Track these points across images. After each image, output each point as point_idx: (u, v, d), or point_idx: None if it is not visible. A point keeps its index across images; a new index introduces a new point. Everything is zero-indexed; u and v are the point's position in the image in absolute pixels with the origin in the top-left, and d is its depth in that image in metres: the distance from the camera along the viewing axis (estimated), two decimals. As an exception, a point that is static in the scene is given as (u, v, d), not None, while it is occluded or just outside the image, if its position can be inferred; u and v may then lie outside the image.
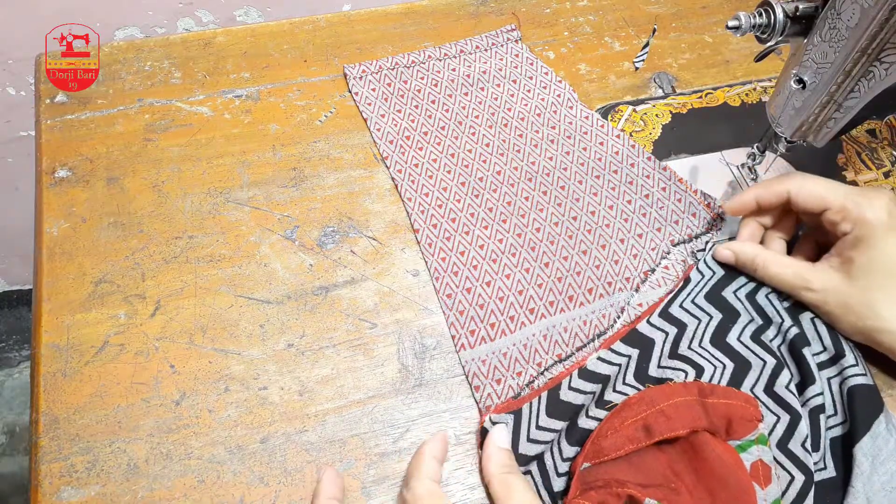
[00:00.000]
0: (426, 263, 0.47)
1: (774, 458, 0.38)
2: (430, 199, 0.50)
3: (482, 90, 0.57)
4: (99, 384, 0.41)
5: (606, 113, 0.56)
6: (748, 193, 0.45)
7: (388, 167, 0.52)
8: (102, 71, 0.56)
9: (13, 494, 1.13)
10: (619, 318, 0.45)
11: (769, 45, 0.43)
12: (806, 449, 0.38)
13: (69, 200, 0.49)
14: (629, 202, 0.50)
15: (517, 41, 0.60)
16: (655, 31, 0.62)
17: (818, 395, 0.40)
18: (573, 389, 0.41)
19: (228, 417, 0.41)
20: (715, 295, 0.45)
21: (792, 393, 0.40)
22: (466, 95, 0.56)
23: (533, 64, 0.59)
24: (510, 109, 0.56)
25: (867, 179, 0.54)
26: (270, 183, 0.51)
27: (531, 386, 0.42)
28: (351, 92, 0.56)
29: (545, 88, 0.57)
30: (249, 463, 0.39)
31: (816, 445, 0.39)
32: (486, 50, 0.59)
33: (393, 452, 0.40)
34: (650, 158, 0.52)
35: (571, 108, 0.56)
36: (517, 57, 0.59)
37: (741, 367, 0.41)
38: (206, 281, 0.46)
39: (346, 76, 0.57)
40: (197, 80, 0.56)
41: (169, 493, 0.38)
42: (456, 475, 0.39)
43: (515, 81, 0.57)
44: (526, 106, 0.56)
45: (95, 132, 0.52)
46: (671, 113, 0.56)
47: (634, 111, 0.56)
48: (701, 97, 0.58)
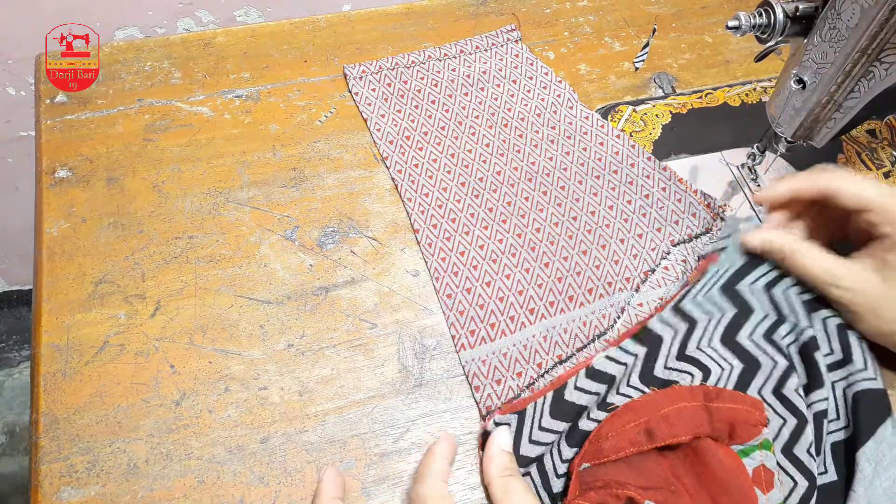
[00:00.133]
0: (426, 264, 0.47)
1: (778, 463, 0.38)
2: (430, 199, 0.50)
3: (482, 90, 0.57)
4: (99, 384, 0.41)
5: (606, 113, 0.56)
6: (782, 185, 0.43)
7: (388, 167, 0.52)
8: (102, 71, 0.56)
9: (13, 494, 1.13)
10: (619, 318, 0.45)
11: (769, 45, 0.43)
12: (811, 455, 0.38)
13: (69, 200, 0.49)
14: (629, 202, 0.50)
15: (517, 41, 0.60)
16: (655, 31, 0.62)
17: (823, 399, 0.39)
18: (579, 389, 0.41)
19: (228, 417, 0.41)
20: (730, 288, 0.43)
21: (801, 396, 0.39)
22: (466, 95, 0.56)
23: (533, 64, 0.59)
24: (510, 109, 0.56)
25: (867, 179, 0.54)
26: (270, 183, 0.51)
27: (531, 387, 0.42)
28: (351, 92, 0.56)
29: (545, 88, 0.57)
30: (249, 463, 0.39)
31: (818, 450, 0.38)
32: (486, 50, 0.59)
33: (393, 452, 0.40)
34: (650, 158, 0.52)
35: (571, 108, 0.56)
36: (517, 57, 0.59)
37: (750, 367, 0.41)
38: (206, 281, 0.46)
39: (346, 76, 0.57)
40: (197, 80, 0.56)
41: (169, 493, 0.38)
42: (456, 475, 0.39)
43: (515, 81, 0.57)
44: (526, 106, 0.56)
45: (95, 132, 0.52)
46: (671, 113, 0.56)
47: (634, 111, 0.56)
48: (701, 97, 0.58)
